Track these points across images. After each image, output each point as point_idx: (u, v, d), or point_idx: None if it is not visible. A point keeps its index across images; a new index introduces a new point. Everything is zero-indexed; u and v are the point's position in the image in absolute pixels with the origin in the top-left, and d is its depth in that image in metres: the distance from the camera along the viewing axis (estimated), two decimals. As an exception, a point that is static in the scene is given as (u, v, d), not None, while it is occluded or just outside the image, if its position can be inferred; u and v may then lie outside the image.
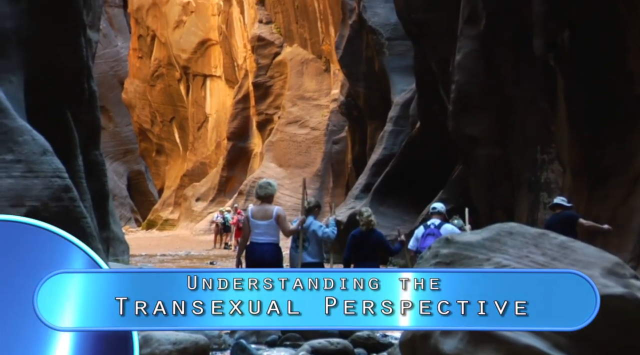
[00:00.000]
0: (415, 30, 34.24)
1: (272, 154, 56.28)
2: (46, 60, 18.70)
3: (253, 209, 13.95)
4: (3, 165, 14.65)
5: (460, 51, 29.48)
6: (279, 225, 13.50)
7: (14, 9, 17.95)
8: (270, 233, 13.46)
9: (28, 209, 14.45)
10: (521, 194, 26.85)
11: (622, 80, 23.37)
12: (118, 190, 57.07)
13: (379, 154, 37.54)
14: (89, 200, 19.40)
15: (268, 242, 13.42)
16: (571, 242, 11.55)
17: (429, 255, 11.09)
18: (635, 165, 22.88)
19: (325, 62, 55.91)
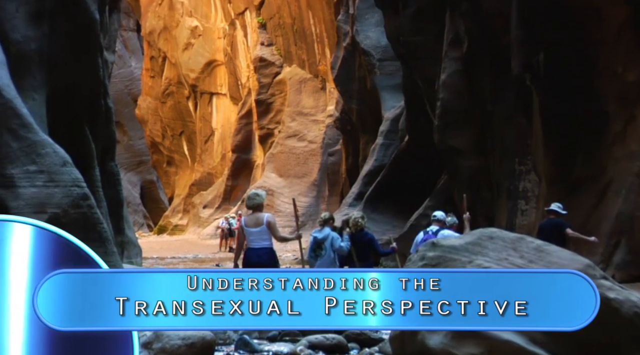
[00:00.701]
0: (403, 52, 34.24)
1: (273, 165, 56.26)
2: (66, 79, 18.71)
3: (245, 218, 14.01)
4: (27, 175, 14.65)
5: (445, 71, 29.51)
6: (270, 231, 13.52)
7: (37, 32, 17.97)
8: (263, 238, 13.45)
9: (49, 216, 14.42)
10: (501, 201, 26.84)
11: (590, 98, 23.42)
12: (132, 198, 56.97)
13: (370, 165, 37.54)
14: (105, 207, 19.39)
15: (262, 246, 13.42)
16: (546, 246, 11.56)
17: (416, 258, 11.10)
18: (604, 176, 22.88)
19: (322, 81, 55.90)
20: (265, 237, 13.47)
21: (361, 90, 42.71)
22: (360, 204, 34.63)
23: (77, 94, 19.26)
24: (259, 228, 13.40)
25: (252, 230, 13.44)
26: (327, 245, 15.12)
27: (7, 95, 14.79)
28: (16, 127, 14.78)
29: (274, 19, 57.98)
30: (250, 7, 59.62)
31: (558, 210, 18.79)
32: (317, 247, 15.11)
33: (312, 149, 55.15)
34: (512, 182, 26.91)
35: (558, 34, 23.64)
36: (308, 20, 55.76)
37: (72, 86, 19.00)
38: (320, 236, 15.30)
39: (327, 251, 15.05)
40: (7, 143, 14.65)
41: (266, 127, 58.48)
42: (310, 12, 55.34)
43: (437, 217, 18.09)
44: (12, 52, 16.36)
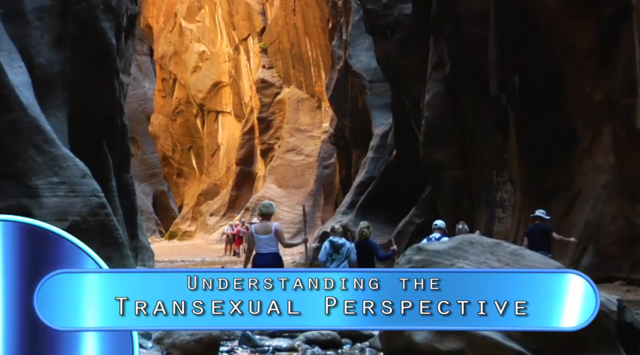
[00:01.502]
0: (392, 74, 34.26)
1: (273, 176, 56.24)
2: (86, 99, 18.74)
3: (256, 225, 13.98)
4: (50, 186, 14.65)
5: (429, 92, 29.53)
6: (277, 238, 13.53)
7: (59, 57, 18.01)
8: (271, 244, 13.46)
9: (70, 223, 14.43)
10: (480, 210, 26.85)
11: (561, 116, 23.49)
12: (145, 207, 56.88)
13: (362, 177, 37.49)
14: (121, 216, 19.37)
15: (270, 252, 13.43)
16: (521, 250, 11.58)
17: (404, 261, 11.10)
18: (573, 187, 22.91)
19: (317, 101, 55.91)
20: (273, 244, 13.48)
21: (353, 109, 42.69)
22: (353, 212, 34.60)
23: (96, 112, 19.28)
24: (267, 235, 13.40)
25: (262, 237, 13.44)
26: (344, 251, 15.13)
27: (32, 114, 14.81)
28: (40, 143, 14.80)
29: (274, 44, 58.04)
30: (252, 34, 59.70)
31: (542, 216, 18.82)
32: (334, 251, 15.13)
33: (309, 162, 55.15)
34: (490, 193, 26.93)
35: (531, 58, 23.71)
36: (305, 46, 55.84)
37: (91, 105, 19.02)
38: (340, 242, 15.33)
39: (343, 256, 15.06)
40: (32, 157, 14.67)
41: (267, 142, 58.48)
42: (307, 38, 55.43)
43: (438, 226, 17.98)
44: (36, 75, 16.38)
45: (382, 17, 34.01)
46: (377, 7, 34.61)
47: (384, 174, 34.99)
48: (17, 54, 15.96)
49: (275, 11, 57.47)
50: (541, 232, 18.45)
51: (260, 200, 55.70)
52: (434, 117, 29.24)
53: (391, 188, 33.89)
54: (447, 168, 28.89)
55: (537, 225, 18.79)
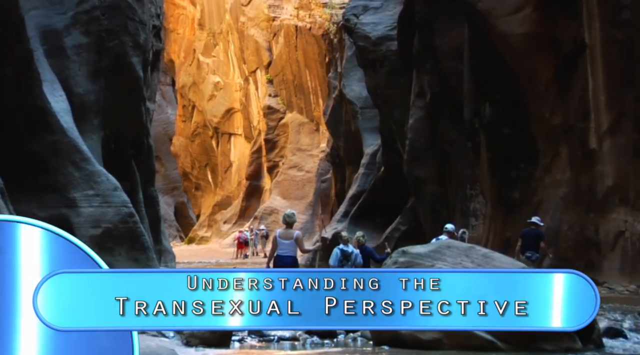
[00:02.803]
0: (380, 102, 34.29)
1: (278, 189, 56.21)
2: (117, 123, 18.72)
3: (280, 231, 13.92)
4: (86, 198, 14.64)
5: (412, 117, 29.55)
6: (297, 244, 13.55)
7: (95, 87, 18.00)
8: (291, 249, 13.47)
9: (103, 230, 14.40)
10: (456, 218, 26.79)
11: (525, 138, 23.51)
12: (167, 215, 56.77)
13: (354, 190, 37.46)
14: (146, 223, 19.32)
15: (289, 255, 13.46)
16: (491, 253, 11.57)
17: (390, 262, 11.10)
18: (535, 198, 22.91)
19: (316, 124, 55.93)
20: (292, 249, 13.50)
21: (347, 132, 42.70)
22: (346, 220, 34.57)
23: (126, 134, 19.26)
24: (289, 241, 13.42)
25: (284, 242, 13.45)
26: (353, 258, 15.11)
27: (71, 136, 14.83)
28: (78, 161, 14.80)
29: (279, 76, 58.10)
30: (260, 67, 59.75)
31: (537, 223, 18.86)
32: (344, 258, 15.06)
33: (309, 177, 55.12)
34: (464, 204, 26.91)
35: (500, 88, 23.75)
36: (305, 77, 55.92)
37: (121, 129, 19.01)
38: (349, 250, 15.26)
39: (352, 263, 15.03)
40: (71, 173, 14.67)
41: (273, 160, 58.46)
42: (307, 70, 55.52)
43: (448, 229, 17.98)
44: (75, 102, 16.38)
45: (372, 52, 34.08)
46: (367, 44, 34.68)
47: (373, 187, 34.99)
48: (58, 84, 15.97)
49: (279, 48, 57.57)
50: (534, 236, 18.50)
51: (266, 210, 55.80)
52: (416, 138, 29.27)
53: (379, 200, 33.88)
54: (427, 183, 28.91)
55: (531, 230, 18.76)
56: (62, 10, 17.47)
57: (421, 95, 29.11)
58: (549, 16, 22.51)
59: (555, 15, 22.36)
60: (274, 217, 53.47)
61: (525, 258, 18.23)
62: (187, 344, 10.35)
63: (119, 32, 19.30)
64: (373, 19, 35.55)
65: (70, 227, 14.20)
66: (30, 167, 13.93)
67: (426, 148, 28.68)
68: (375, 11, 35.86)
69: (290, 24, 56.35)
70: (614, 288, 20.00)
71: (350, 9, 37.53)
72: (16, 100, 13.14)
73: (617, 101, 21.07)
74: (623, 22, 20.55)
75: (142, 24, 21.65)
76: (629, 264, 20.07)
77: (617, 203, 20.94)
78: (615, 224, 20.61)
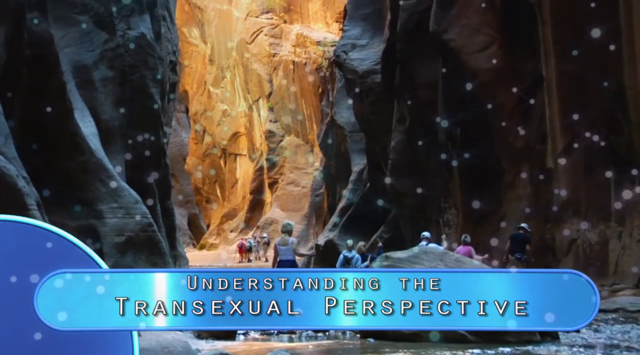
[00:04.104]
0: (366, 127, 34.36)
1: (278, 203, 56.16)
2: (138, 146, 18.75)
3: (279, 240, 14.21)
4: (111, 210, 14.65)
5: (394, 140, 29.60)
6: (292, 250, 13.86)
7: (118, 114, 18.06)
8: (289, 253, 13.73)
9: (126, 238, 14.38)
10: (432, 228, 26.80)
11: (491, 158, 23.58)
12: (182, 225, 56.57)
13: (343, 203, 37.46)
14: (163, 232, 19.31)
15: (288, 259, 13.69)
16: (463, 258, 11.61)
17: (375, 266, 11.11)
18: (500, 211, 22.96)
19: (311, 146, 55.97)
20: (290, 253, 13.75)
21: (337, 152, 42.81)
22: (337, 229, 34.56)
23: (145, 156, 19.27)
24: (286, 247, 13.73)
25: (282, 248, 13.75)
26: (354, 262, 15.13)
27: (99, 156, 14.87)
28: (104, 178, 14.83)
29: (279, 104, 58.20)
30: (262, 97, 59.86)
31: (526, 228, 18.82)
32: (346, 263, 15.11)
33: (304, 192, 55.09)
34: (439, 215, 26.91)
35: (470, 115, 23.84)
36: (302, 106, 56.03)
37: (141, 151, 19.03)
38: (350, 255, 15.29)
39: (353, 265, 15.06)
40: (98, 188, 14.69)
41: (273, 177, 58.44)
42: (303, 99, 55.66)
43: (425, 236, 17.97)
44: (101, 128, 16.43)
45: (359, 84, 34.18)
46: (355, 77, 34.80)
47: (360, 201, 35.00)
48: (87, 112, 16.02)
49: (279, 80, 57.71)
50: (522, 239, 18.48)
51: (267, 221, 55.76)
52: (398, 158, 29.32)
53: (365, 212, 33.89)
54: (407, 196, 28.91)
55: (520, 234, 18.71)
56: (91, 48, 17.53)
57: (402, 121, 29.19)
58: (511, 53, 22.66)
59: (516, 52, 22.50)
60: (274, 226, 53.42)
61: (514, 258, 18.28)
62: (199, 337, 10.34)
63: (140, 67, 19.37)
64: (360, 55, 35.69)
65: (98, 235, 14.20)
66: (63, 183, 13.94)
67: (406, 167, 28.71)
68: (362, 48, 36.02)
69: (288, 60, 56.51)
70: (568, 288, 20.01)
71: (340, 46, 37.68)
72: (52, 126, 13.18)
73: (570, 127, 21.17)
74: (574, 58, 20.68)
75: (160, 59, 21.73)
76: (580, 267, 20.09)
77: (570, 215, 21.00)
78: (568, 232, 20.68)
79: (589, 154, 20.86)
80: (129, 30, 19.07)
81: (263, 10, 59.77)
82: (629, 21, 19.00)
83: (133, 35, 19.08)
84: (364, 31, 36.36)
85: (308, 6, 57.58)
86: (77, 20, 17.03)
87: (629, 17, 19.01)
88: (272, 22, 59.33)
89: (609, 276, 19.80)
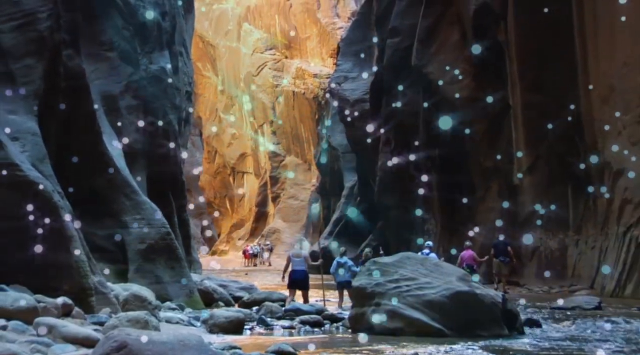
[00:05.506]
0: (357, 148, 34.47)
1: (280, 214, 56.11)
2: (158, 166, 18.73)
3: (293, 252, 14.75)
4: (134, 221, 14.58)
5: (381, 159, 29.70)
6: (305, 261, 14.47)
7: (141, 137, 18.08)
8: (302, 264, 14.41)
9: (147, 245, 14.30)
10: (414, 237, 26.89)
11: (465, 175, 23.65)
12: (196, 234, 56.48)
13: (337, 215, 37.52)
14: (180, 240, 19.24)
15: (300, 269, 14.37)
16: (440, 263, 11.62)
17: (364, 270, 11.11)
18: (473, 221, 22.98)
19: (308, 165, 56.06)
20: (303, 264, 14.42)
21: (332, 171, 42.90)
22: (331, 238, 34.60)
23: (165, 174, 19.26)
24: (299, 259, 14.42)
25: (296, 260, 14.43)
26: (346, 266, 15.14)
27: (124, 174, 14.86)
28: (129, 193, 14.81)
29: (281, 129, 58.34)
30: (266, 122, 60.02)
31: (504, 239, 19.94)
32: (340, 267, 15.18)
33: (303, 205, 55.09)
34: (420, 225, 26.95)
35: (446, 139, 23.93)
36: (300, 129, 56.19)
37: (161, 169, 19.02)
38: (342, 261, 15.29)
39: (345, 270, 15.09)
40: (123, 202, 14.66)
41: (275, 192, 58.45)
42: (302, 124, 55.83)
43: (429, 245, 18.03)
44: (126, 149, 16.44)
45: (350, 111, 34.35)
46: (346, 106, 34.97)
47: (351, 212, 35.02)
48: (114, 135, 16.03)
49: (281, 107, 57.93)
50: (504, 244, 19.63)
51: (271, 230, 55.60)
52: (384, 176, 29.40)
53: (356, 222, 33.94)
54: (393, 209, 28.98)
55: (501, 241, 19.77)
56: (118, 80, 17.59)
57: (387, 145, 29.29)
58: (481, 84, 22.81)
59: (486, 84, 22.66)
60: (276, 235, 53.39)
61: (499, 261, 19.58)
62: (211, 332, 10.34)
63: (160, 96, 19.41)
64: (351, 86, 35.88)
65: (123, 243, 14.18)
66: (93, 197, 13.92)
67: (392, 182, 28.79)
68: (353, 80, 36.21)
69: (289, 90, 56.73)
70: (531, 289, 20.04)
71: (334, 78, 37.88)
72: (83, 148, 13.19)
73: (533, 148, 21.29)
74: (538, 89, 20.81)
75: (178, 90, 21.79)
76: (542, 271, 20.14)
77: (534, 225, 21.05)
78: (532, 240, 20.73)
79: (549, 172, 20.97)
80: (151, 64, 19.14)
81: (267, 47, 60.16)
82: (584, 58, 19.14)
83: (154, 69, 19.15)
84: (355, 65, 36.58)
85: (306, 44, 57.96)
86: (105, 56, 17.11)
87: (584, 55, 19.15)
88: (275, 58, 59.64)
89: (568, 278, 19.84)
